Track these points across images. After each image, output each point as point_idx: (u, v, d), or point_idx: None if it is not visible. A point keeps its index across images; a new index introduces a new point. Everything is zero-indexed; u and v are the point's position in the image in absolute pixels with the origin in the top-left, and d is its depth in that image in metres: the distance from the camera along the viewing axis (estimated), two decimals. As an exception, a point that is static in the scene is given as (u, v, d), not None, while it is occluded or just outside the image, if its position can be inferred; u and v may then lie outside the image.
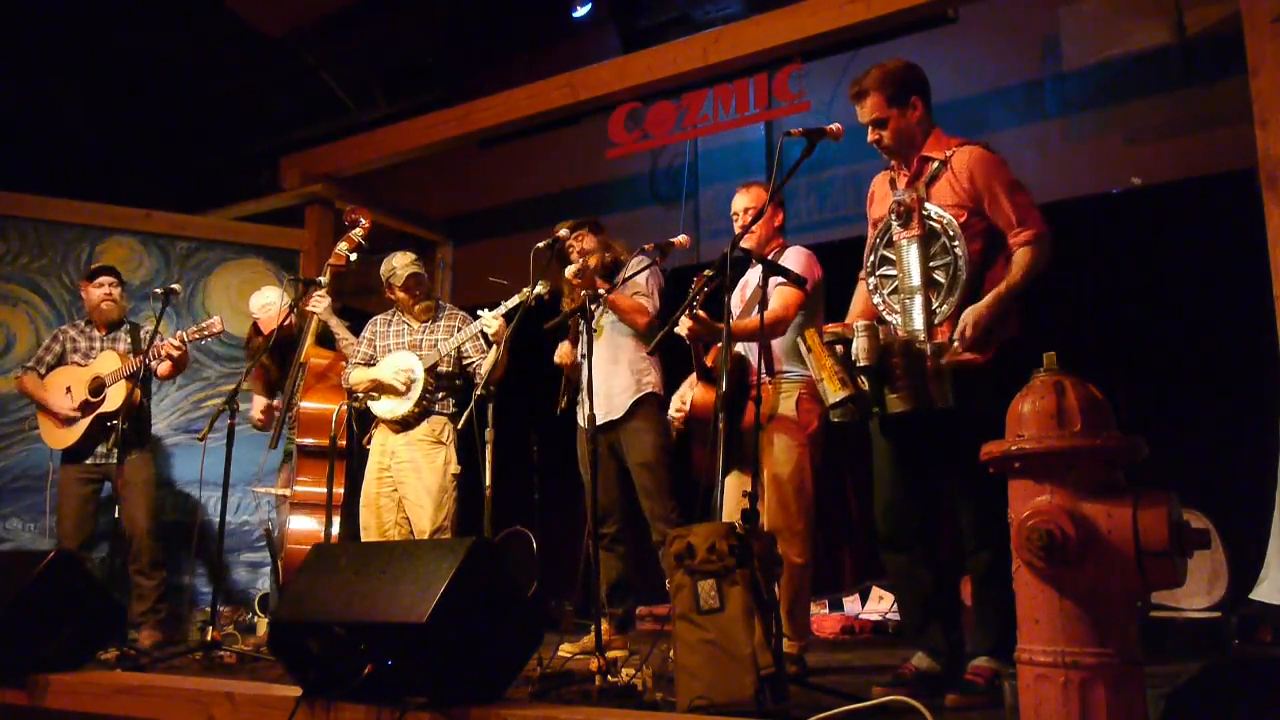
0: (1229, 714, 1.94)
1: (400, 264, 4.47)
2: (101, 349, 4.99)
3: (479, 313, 4.21)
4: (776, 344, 3.51)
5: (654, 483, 3.87)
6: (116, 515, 4.51)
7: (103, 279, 5.08)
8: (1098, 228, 4.97)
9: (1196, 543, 1.81)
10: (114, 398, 4.78)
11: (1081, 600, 1.80)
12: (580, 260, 4.00)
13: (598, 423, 3.78)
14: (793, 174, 3.08)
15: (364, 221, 4.86)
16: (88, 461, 4.86)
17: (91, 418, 4.82)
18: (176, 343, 4.72)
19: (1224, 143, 4.60)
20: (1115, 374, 4.78)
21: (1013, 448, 1.89)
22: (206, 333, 4.78)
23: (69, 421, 4.86)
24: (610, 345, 4.04)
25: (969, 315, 2.72)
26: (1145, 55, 5.02)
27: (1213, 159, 4.68)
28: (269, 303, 5.15)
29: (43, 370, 5.00)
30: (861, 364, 2.74)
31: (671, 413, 3.81)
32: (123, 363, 4.82)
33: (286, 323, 4.71)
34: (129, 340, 5.05)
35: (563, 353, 4.13)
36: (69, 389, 4.90)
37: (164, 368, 4.80)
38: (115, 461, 4.72)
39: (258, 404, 5.14)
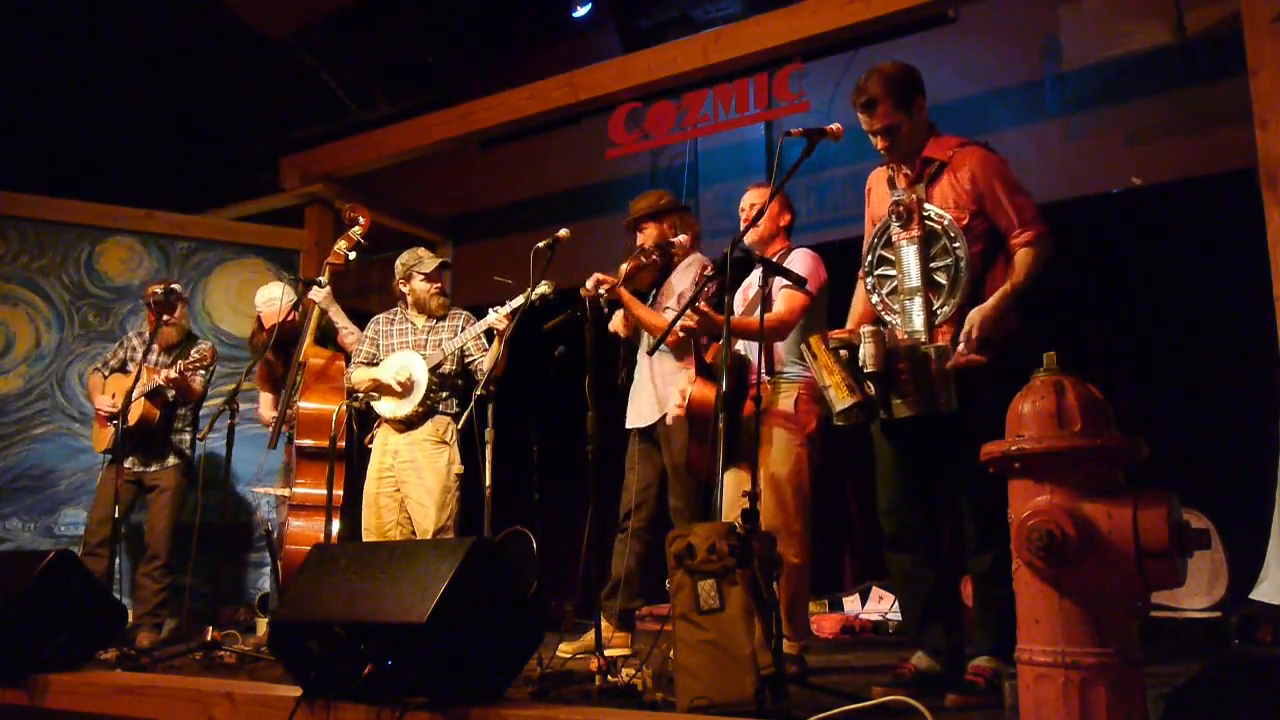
0: (1229, 714, 1.94)
1: (427, 254, 4.54)
2: (155, 363, 5.00)
3: (491, 310, 4.19)
4: (778, 344, 3.51)
5: (683, 485, 3.84)
6: (117, 513, 4.51)
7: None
8: (1098, 228, 4.97)
9: (1196, 543, 1.81)
10: (133, 413, 4.80)
11: (1081, 600, 1.80)
12: (595, 282, 3.84)
13: (639, 425, 3.97)
14: (793, 174, 3.07)
15: (363, 220, 4.85)
16: (125, 465, 4.88)
17: (114, 427, 4.85)
18: (169, 374, 4.69)
19: (1224, 143, 4.60)
20: (1115, 374, 4.78)
21: (1013, 448, 1.89)
22: (199, 364, 4.74)
23: (106, 423, 4.94)
24: (645, 357, 4.02)
25: (975, 316, 2.72)
26: (1145, 55, 5.02)
27: (1213, 159, 4.68)
28: (273, 297, 5.11)
29: (106, 373, 5.08)
30: (869, 370, 2.74)
31: (670, 409, 3.80)
32: (148, 378, 4.83)
33: (289, 319, 4.71)
34: (179, 355, 5.01)
35: (617, 322, 4.07)
36: (114, 395, 4.95)
37: (170, 393, 4.82)
38: (147, 469, 4.91)
39: (265, 402, 5.13)
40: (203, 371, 4.85)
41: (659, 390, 3.95)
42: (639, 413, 4.00)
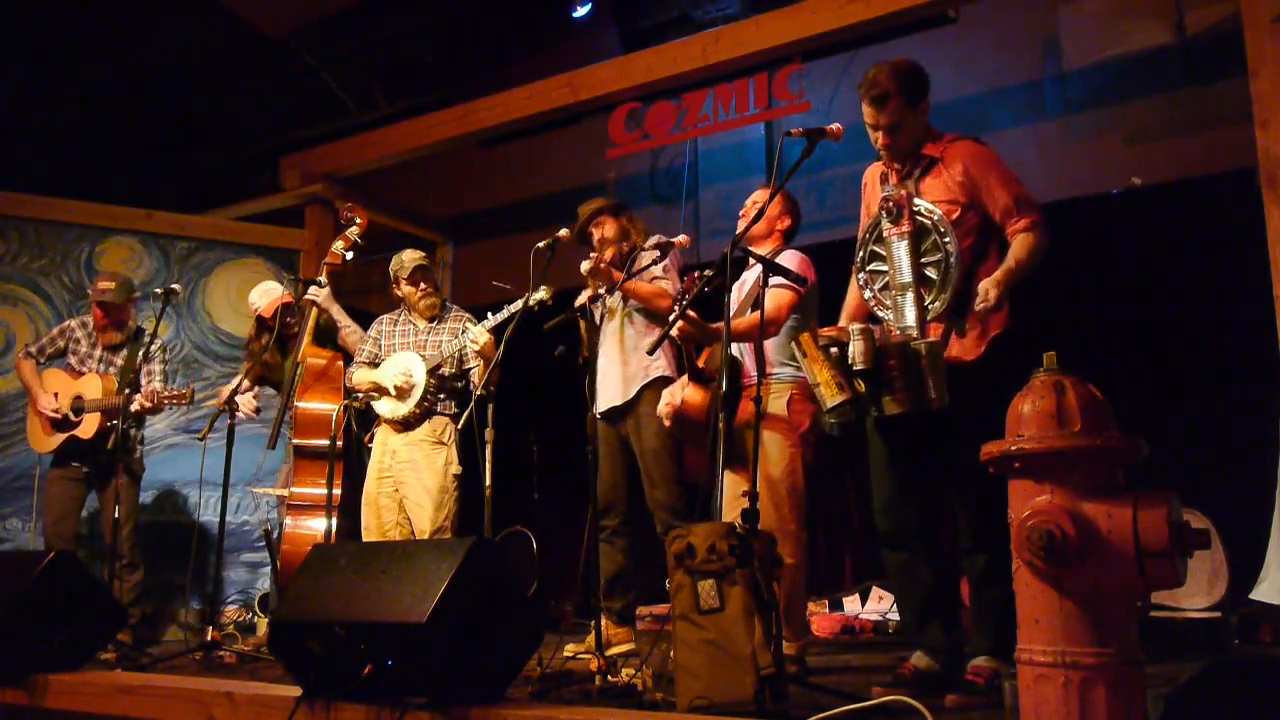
0: (1229, 714, 1.94)
1: (409, 258, 4.51)
2: (99, 360, 4.94)
3: (487, 315, 4.19)
4: (768, 344, 3.51)
5: (660, 470, 3.84)
6: (117, 515, 4.49)
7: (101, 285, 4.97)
8: (1098, 228, 4.97)
9: (1196, 543, 1.80)
10: (88, 425, 4.78)
11: (1081, 600, 1.80)
12: (594, 256, 3.97)
13: (605, 407, 3.86)
14: (793, 174, 3.08)
15: (360, 220, 4.85)
16: (73, 464, 4.87)
17: (65, 436, 4.82)
18: (146, 401, 4.62)
19: (1224, 143, 4.60)
20: (1115, 374, 4.79)
21: (1013, 448, 1.89)
22: (177, 401, 4.69)
23: (49, 426, 4.86)
24: (624, 330, 4.00)
25: (987, 283, 2.70)
26: (1145, 55, 5.02)
27: (1213, 159, 4.68)
28: (268, 288, 5.08)
29: (43, 359, 4.97)
30: (859, 367, 2.73)
31: (661, 408, 3.79)
32: (104, 394, 4.79)
33: (288, 319, 4.70)
34: (126, 355, 4.96)
35: (584, 298, 4.01)
36: (56, 394, 4.88)
37: (136, 407, 4.68)
38: (97, 473, 4.84)
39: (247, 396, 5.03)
40: (170, 403, 4.73)
41: (630, 365, 3.92)
42: (606, 394, 3.91)
